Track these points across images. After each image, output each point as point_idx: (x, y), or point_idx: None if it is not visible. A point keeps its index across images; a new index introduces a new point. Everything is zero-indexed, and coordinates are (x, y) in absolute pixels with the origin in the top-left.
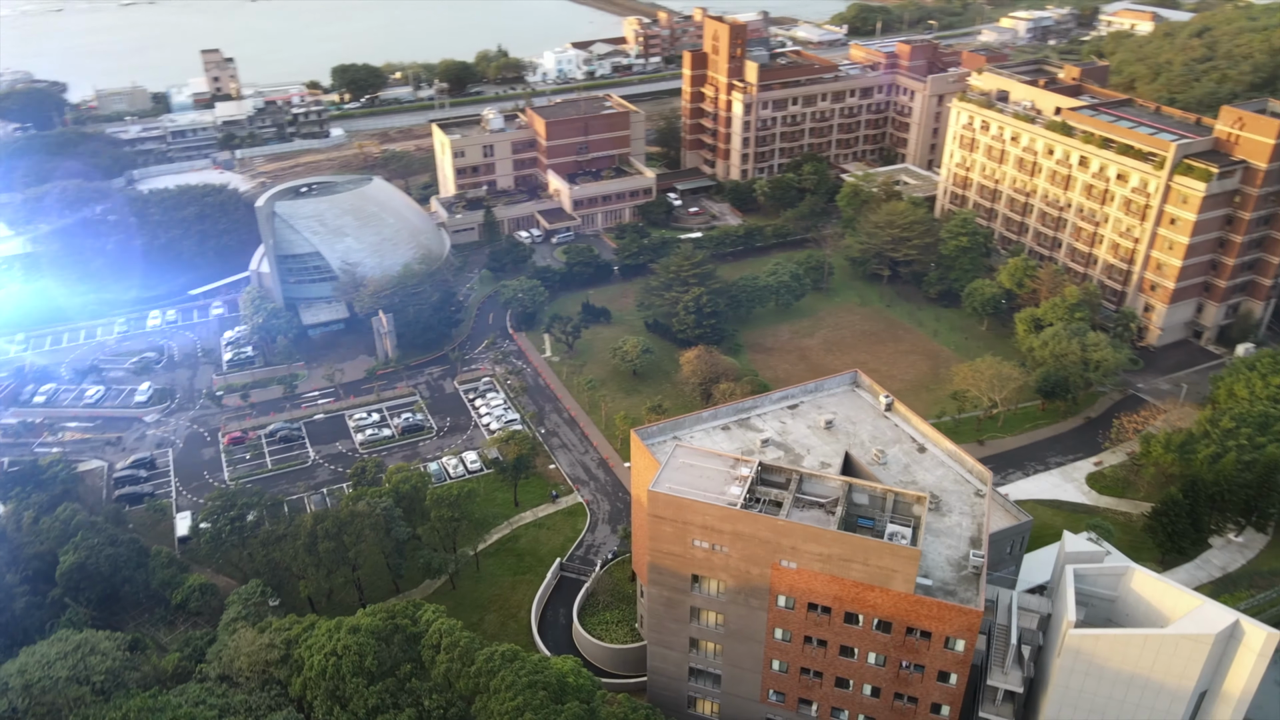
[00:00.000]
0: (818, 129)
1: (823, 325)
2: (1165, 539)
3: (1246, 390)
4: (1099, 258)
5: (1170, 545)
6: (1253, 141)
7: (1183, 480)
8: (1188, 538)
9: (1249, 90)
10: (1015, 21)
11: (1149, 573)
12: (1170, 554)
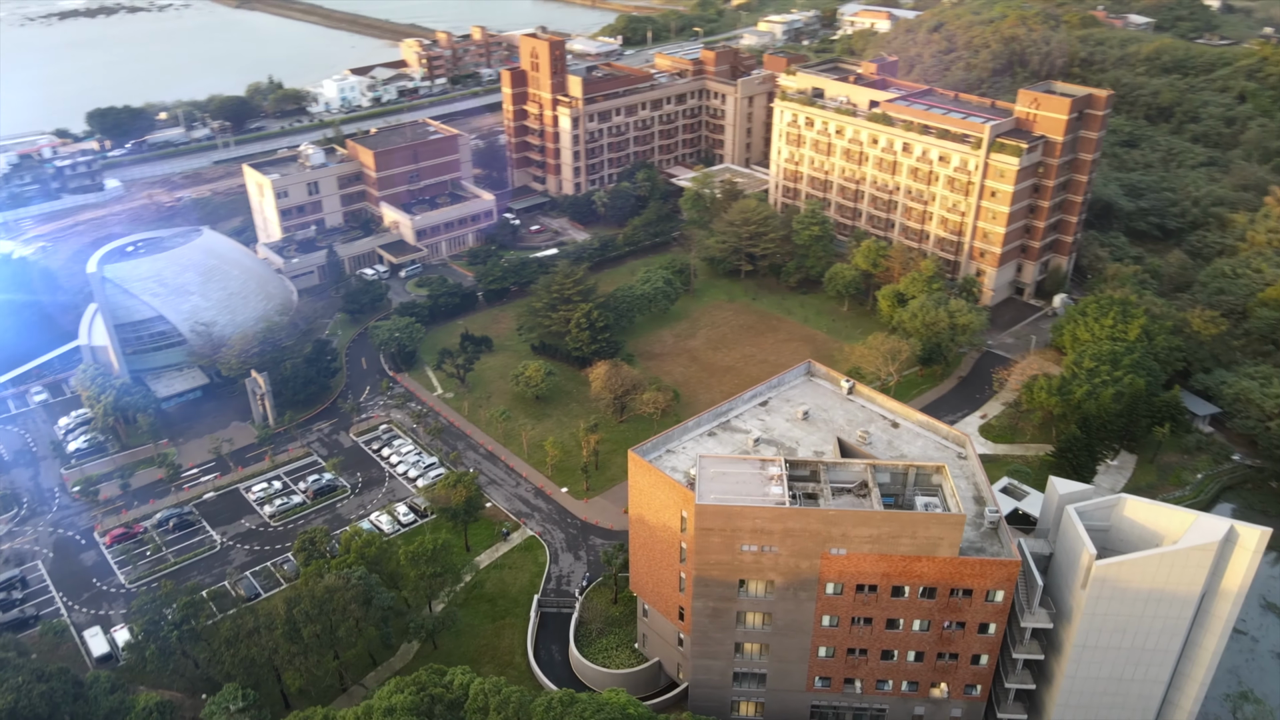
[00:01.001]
0: (641, 137)
1: (700, 325)
2: (1071, 472)
3: (1087, 333)
4: (930, 233)
5: (1076, 477)
6: (1049, 118)
7: (1074, 418)
8: (1087, 468)
9: (993, 76)
10: (771, 25)
11: (1140, 500)
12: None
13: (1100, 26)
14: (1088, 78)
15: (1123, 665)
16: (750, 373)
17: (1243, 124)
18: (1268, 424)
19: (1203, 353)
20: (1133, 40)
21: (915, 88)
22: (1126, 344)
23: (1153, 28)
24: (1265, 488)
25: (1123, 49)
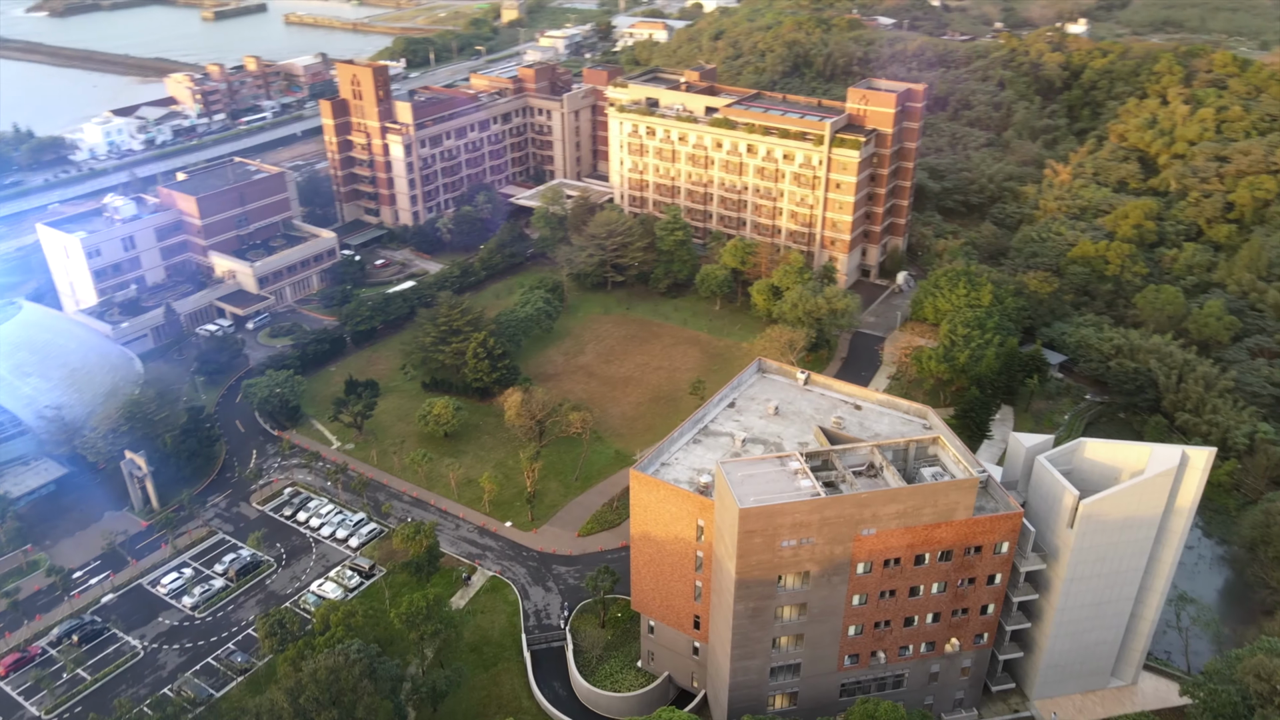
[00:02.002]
0: (472, 159)
1: (585, 341)
2: (975, 428)
3: (947, 304)
4: (782, 227)
5: (978, 432)
6: (878, 113)
7: (963, 380)
8: (985, 424)
9: (783, 78)
10: (553, 40)
11: (1098, 441)
12: (975, 441)
13: (865, 29)
14: (866, 75)
15: (1101, 590)
16: (651, 381)
17: (1008, 108)
18: (1108, 364)
19: (1042, 309)
20: (898, 40)
21: (743, 92)
22: (985, 309)
23: (893, 28)
24: (1116, 419)
25: (891, 47)
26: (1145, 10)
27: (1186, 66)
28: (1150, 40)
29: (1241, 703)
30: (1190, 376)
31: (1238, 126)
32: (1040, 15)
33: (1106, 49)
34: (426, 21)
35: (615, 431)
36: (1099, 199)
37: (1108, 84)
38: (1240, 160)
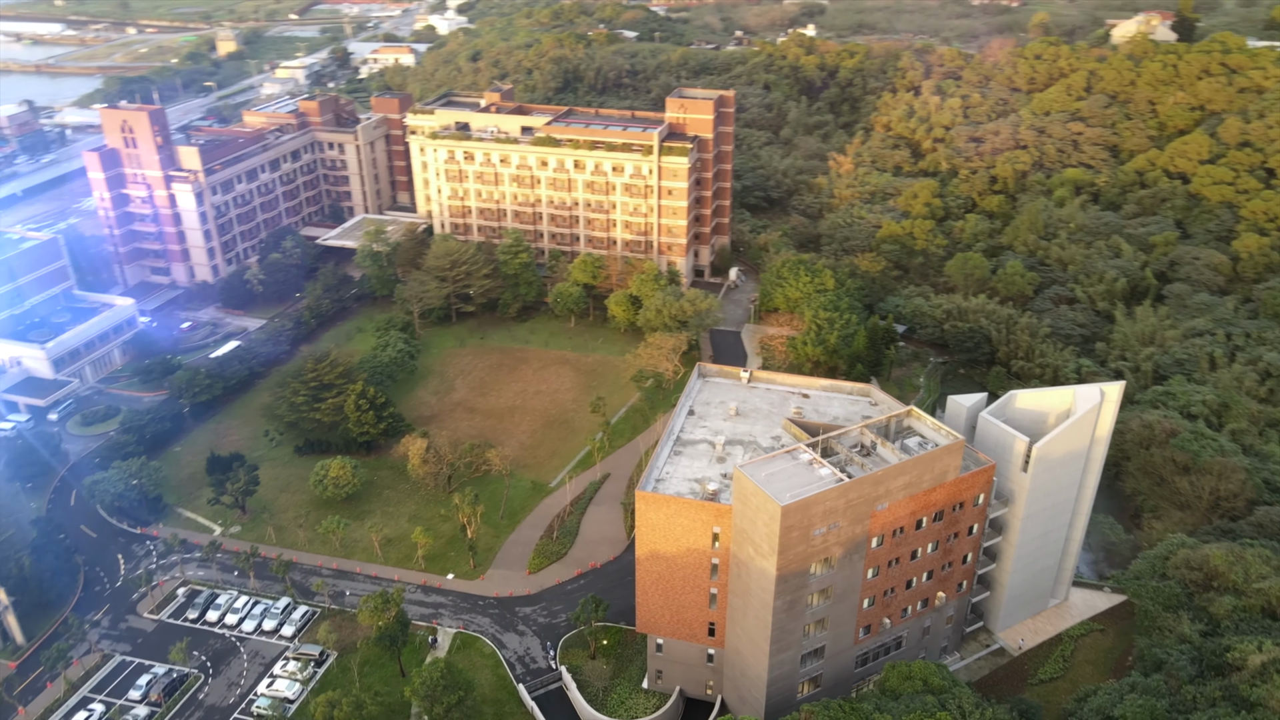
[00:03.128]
0: (266, 203)
1: (451, 377)
2: None
3: (796, 291)
4: (617, 238)
5: None
6: (698, 120)
7: (836, 360)
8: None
9: (556, 94)
10: (292, 71)
11: (1025, 391)
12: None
13: (623, 42)
14: (636, 86)
15: (1046, 522)
16: (537, 408)
17: (778, 108)
18: (942, 327)
19: (875, 287)
20: (660, 50)
21: (555, 110)
22: (833, 292)
23: (639, 40)
24: (958, 375)
25: (655, 59)
26: (841, 15)
27: (924, 62)
28: (853, 41)
29: (1182, 592)
30: (1015, 328)
31: (980, 111)
32: (756, 23)
33: (854, 50)
34: (126, 58)
35: (521, 463)
36: (883, 183)
37: (861, 81)
38: (993, 139)
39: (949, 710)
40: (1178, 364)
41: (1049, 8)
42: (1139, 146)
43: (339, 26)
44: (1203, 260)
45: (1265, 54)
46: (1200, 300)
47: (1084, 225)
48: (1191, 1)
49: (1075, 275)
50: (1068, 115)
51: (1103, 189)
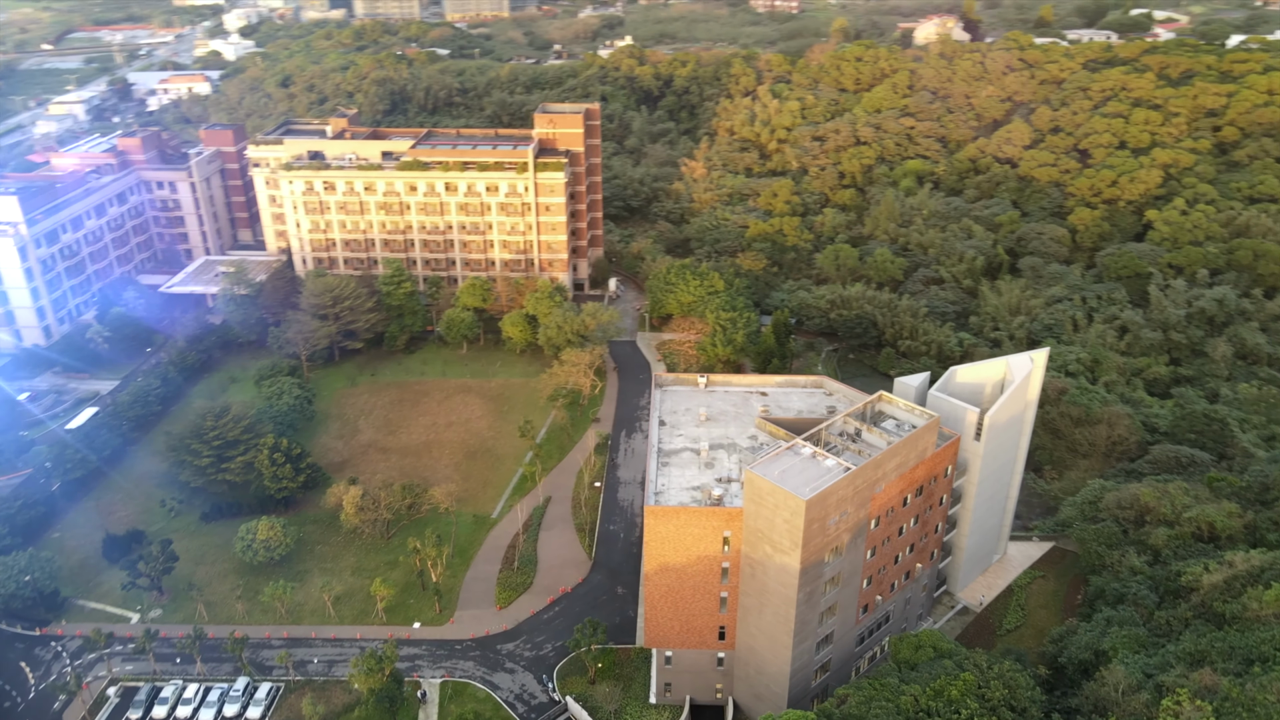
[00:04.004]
0: (96, 251)
1: (352, 418)
2: None
3: (688, 296)
4: (495, 259)
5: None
6: (568, 134)
7: (761, 354)
8: None
9: (386, 115)
10: (68, 107)
11: (964, 366)
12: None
13: (445, 61)
14: (470, 104)
15: (993, 485)
16: (453, 440)
17: (620, 118)
18: (828, 317)
19: (759, 284)
20: (487, 67)
21: (414, 133)
22: (724, 293)
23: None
24: (848, 359)
25: (484, 75)
26: (641, 27)
27: (754, 68)
28: (658, 50)
29: (1119, 530)
30: (898, 311)
31: (816, 112)
32: (559, 36)
33: (685, 59)
34: None
35: (455, 497)
36: (739, 185)
37: (698, 89)
38: (834, 138)
39: (969, 670)
40: (1047, 329)
41: (826, 14)
42: (964, 137)
43: (107, 56)
44: (1047, 235)
45: (1054, 49)
46: (1053, 270)
47: (936, 211)
48: (974, 5)
49: (937, 257)
50: (898, 111)
51: (942, 177)
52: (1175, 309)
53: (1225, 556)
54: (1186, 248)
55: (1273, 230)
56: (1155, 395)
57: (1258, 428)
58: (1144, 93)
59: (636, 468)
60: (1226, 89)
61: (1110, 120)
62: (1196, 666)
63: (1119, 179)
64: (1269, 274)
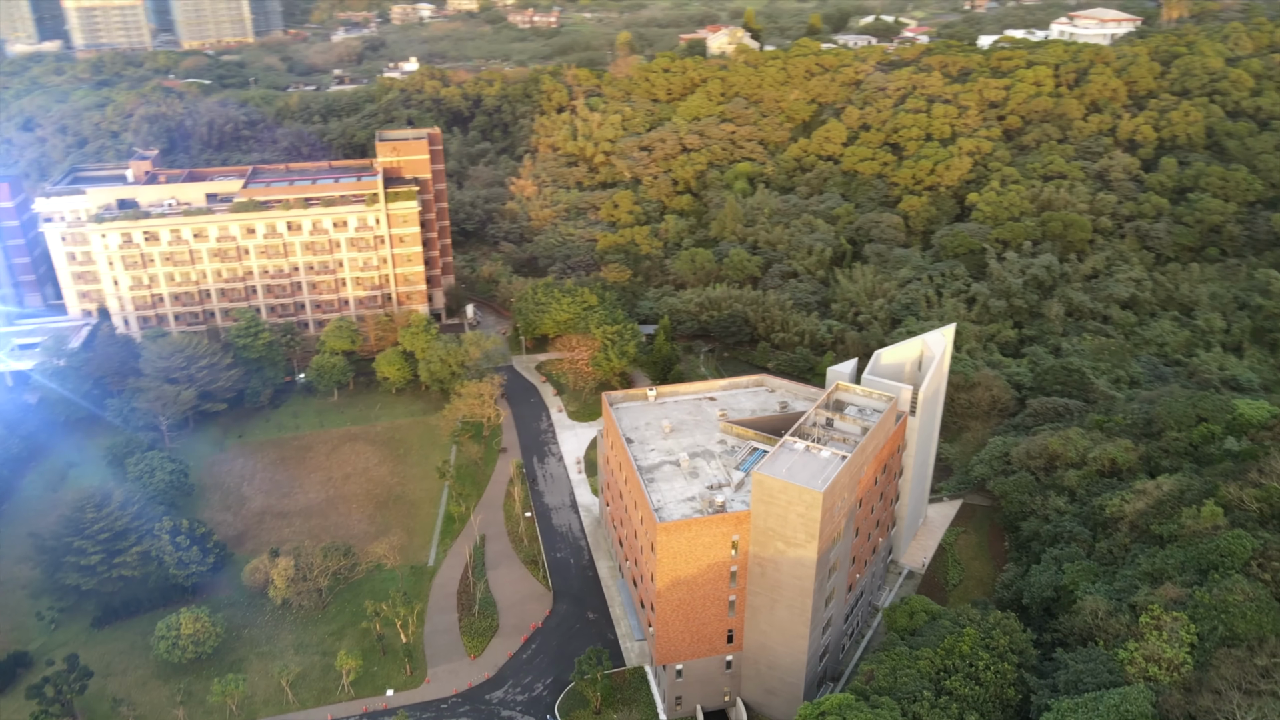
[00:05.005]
0: None
1: (235, 485)
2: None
3: (564, 314)
4: (348, 297)
5: None
6: (414, 161)
7: (657, 363)
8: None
9: (164, 155)
10: None
11: (886, 349)
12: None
13: (219, 93)
14: (260, 136)
15: (923, 455)
16: (357, 491)
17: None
18: (700, 319)
19: (626, 294)
20: (272, 96)
21: (237, 170)
22: (599, 308)
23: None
24: (724, 357)
25: (271, 105)
26: (408, 47)
27: (564, 83)
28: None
29: (1032, 479)
30: (767, 306)
31: (636, 122)
32: (321, 61)
33: (491, 78)
34: None
35: (380, 553)
36: (575, 199)
37: (510, 107)
38: (661, 146)
39: (968, 626)
40: (905, 308)
41: (587, 28)
42: (781, 139)
43: None
44: (884, 223)
45: (844, 52)
46: (897, 255)
47: (777, 210)
48: (754, 14)
49: (787, 253)
50: (717, 118)
51: (772, 177)
52: (1014, 278)
53: (1135, 486)
54: (1007, 224)
55: (1071, 202)
56: (1008, 356)
57: (1106, 373)
58: (936, 90)
59: (561, 493)
60: (1004, 83)
61: (915, 115)
62: (1157, 584)
63: (936, 167)
64: (1078, 240)
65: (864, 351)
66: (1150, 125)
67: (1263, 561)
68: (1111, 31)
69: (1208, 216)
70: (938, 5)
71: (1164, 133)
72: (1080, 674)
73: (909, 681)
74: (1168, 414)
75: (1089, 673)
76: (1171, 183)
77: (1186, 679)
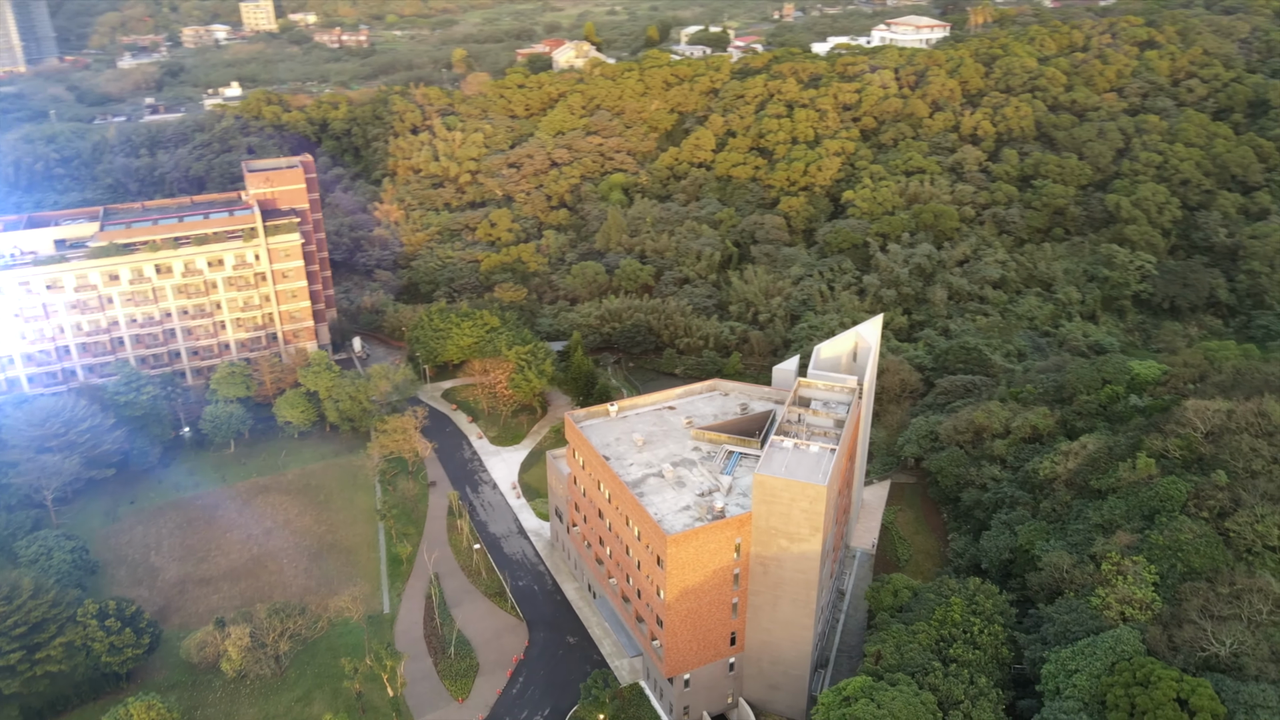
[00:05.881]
0: None
1: (141, 556)
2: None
3: (467, 339)
4: (229, 341)
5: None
6: (290, 191)
7: (578, 379)
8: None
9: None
10: None
11: (823, 344)
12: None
13: (19, 129)
14: (78, 175)
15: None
16: (284, 545)
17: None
18: (602, 331)
19: (524, 314)
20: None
21: (87, 212)
22: (503, 329)
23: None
24: (629, 367)
25: (85, 140)
26: (212, 71)
27: (415, 103)
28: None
29: (962, 452)
30: (669, 313)
31: (499, 140)
32: (116, 89)
33: (335, 100)
34: None
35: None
36: (447, 221)
37: (361, 130)
38: (529, 162)
39: (953, 595)
40: (802, 303)
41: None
42: (648, 149)
43: None
44: (767, 224)
45: (696, 63)
46: (785, 254)
47: (659, 218)
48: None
49: (676, 259)
50: (582, 131)
51: (646, 186)
52: (900, 267)
53: (1060, 448)
54: (883, 218)
55: (935, 194)
56: (903, 341)
57: (997, 348)
58: (792, 95)
59: (505, 520)
60: (854, 86)
61: (779, 120)
62: (1109, 534)
63: (808, 168)
64: (948, 229)
65: (770, 349)
66: (989, 121)
67: (1198, 502)
68: (926, 37)
69: (1052, 200)
70: (747, 16)
71: (1000, 127)
72: (1068, 624)
73: (915, 655)
74: (1077, 379)
75: (1075, 622)
76: (1015, 172)
77: (1161, 615)
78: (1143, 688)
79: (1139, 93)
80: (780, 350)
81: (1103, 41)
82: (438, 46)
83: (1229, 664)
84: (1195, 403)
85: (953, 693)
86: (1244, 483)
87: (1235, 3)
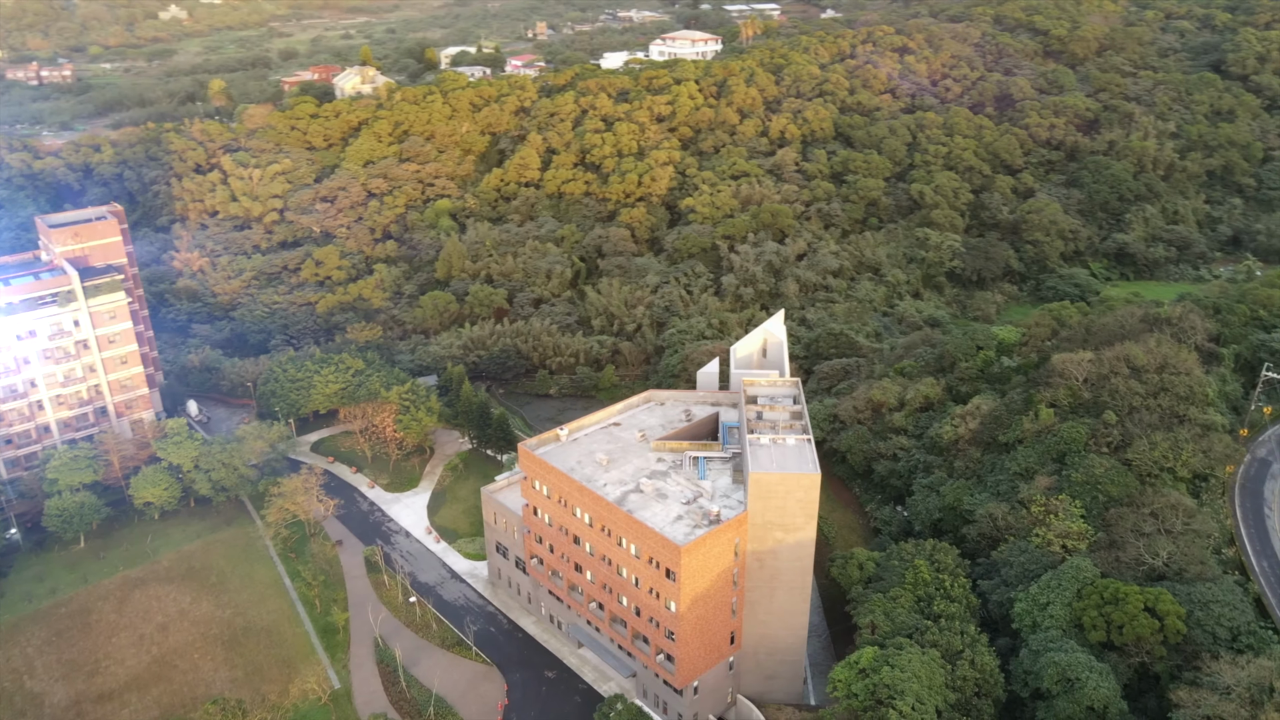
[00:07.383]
0: None
1: (14, 687)
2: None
3: (332, 385)
4: (49, 422)
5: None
6: (105, 245)
7: (472, 412)
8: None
9: None
10: None
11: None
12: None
13: None
14: None
15: None
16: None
17: None
18: (468, 360)
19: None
20: None
21: None
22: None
23: None
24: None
25: None
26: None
27: (195, 141)
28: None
29: (867, 429)
30: (536, 334)
31: (302, 174)
32: None
33: (96, 142)
34: None
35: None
36: (262, 264)
37: (133, 173)
38: (344, 196)
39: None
40: (665, 310)
41: (115, 79)
42: (467, 172)
43: None
44: (613, 237)
45: (499, 83)
46: (638, 264)
47: (499, 241)
48: (369, 52)
49: (526, 280)
50: (395, 159)
51: (475, 210)
52: (753, 265)
53: (955, 412)
54: (725, 221)
55: (766, 195)
56: None
57: (858, 331)
58: (607, 110)
59: (434, 567)
60: (665, 98)
61: (600, 135)
62: (1029, 480)
63: (642, 179)
64: (785, 226)
65: (643, 358)
66: (793, 124)
67: (1096, 440)
68: (702, 50)
69: (866, 193)
70: (499, 36)
71: (804, 130)
72: (1024, 564)
73: (904, 619)
74: (955, 349)
75: (1030, 562)
76: (828, 169)
77: (1099, 542)
78: (1114, 605)
79: (908, 93)
80: (653, 358)
81: (867, 50)
82: (163, 79)
83: (1167, 572)
84: (1061, 356)
85: (952, 645)
86: (1128, 418)
87: (958, 12)
